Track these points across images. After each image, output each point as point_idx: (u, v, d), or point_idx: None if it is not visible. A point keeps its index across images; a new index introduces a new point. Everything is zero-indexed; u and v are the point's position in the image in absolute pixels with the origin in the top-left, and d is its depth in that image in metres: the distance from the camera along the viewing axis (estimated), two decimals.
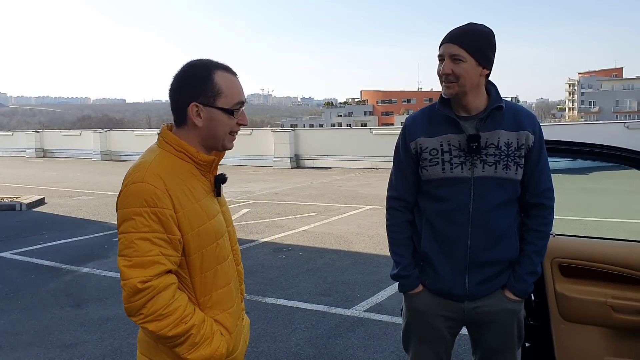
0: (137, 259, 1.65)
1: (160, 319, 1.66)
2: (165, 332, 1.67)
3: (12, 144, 28.22)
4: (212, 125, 1.77)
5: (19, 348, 4.45)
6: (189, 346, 1.71)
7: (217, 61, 1.81)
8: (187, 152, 1.77)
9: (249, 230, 8.76)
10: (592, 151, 2.85)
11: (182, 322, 1.69)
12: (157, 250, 1.66)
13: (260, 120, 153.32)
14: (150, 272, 1.65)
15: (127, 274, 1.65)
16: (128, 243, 1.67)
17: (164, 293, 1.67)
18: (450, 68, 2.16)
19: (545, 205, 2.30)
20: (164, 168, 1.73)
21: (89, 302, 5.51)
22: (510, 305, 2.30)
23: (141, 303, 1.65)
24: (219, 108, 1.76)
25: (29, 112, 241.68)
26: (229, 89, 1.76)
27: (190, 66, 1.79)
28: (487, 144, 2.20)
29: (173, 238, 1.69)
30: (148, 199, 1.66)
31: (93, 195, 13.14)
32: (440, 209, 2.27)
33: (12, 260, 7.31)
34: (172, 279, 1.71)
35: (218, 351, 1.76)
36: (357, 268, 6.48)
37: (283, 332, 4.63)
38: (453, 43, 2.16)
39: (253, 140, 20.48)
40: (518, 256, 2.29)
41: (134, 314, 1.68)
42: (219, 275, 1.82)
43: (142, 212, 1.66)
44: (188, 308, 1.72)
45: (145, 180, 1.69)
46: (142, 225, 1.66)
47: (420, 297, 2.35)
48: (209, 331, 1.75)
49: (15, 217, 10.51)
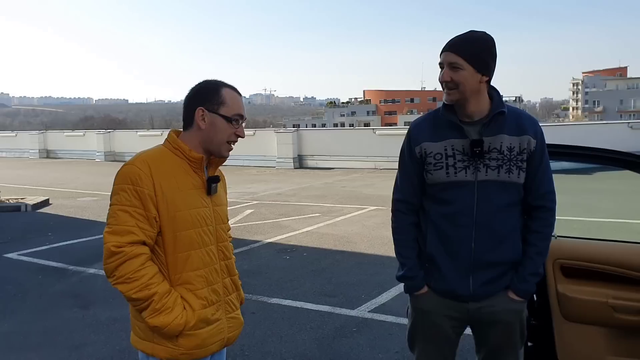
0: (115, 227, 1.98)
1: (128, 282, 1.95)
2: (130, 294, 1.96)
3: (15, 145, 28.34)
4: (213, 130, 2.08)
5: (29, 348, 4.51)
6: (151, 311, 1.97)
7: (227, 82, 2.16)
8: (181, 149, 2.09)
9: (253, 231, 8.82)
10: (591, 155, 2.90)
11: (147, 287, 1.96)
12: (133, 222, 1.97)
13: (263, 120, 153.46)
14: (124, 239, 1.96)
15: (106, 238, 1.98)
16: (112, 213, 2.01)
17: (134, 260, 1.96)
18: (450, 76, 2.23)
19: (547, 207, 2.36)
20: (156, 158, 2.07)
21: (96, 303, 5.57)
22: (513, 306, 2.35)
23: (114, 265, 1.96)
24: (221, 115, 2.07)
25: (31, 112, 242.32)
26: (231, 101, 2.09)
27: (204, 81, 2.15)
28: (490, 149, 2.26)
29: (149, 215, 1.99)
30: (132, 178, 1.99)
31: (97, 196, 13.22)
32: (445, 212, 2.33)
33: (19, 261, 7.38)
34: (143, 250, 1.99)
35: (175, 321, 1.99)
36: (361, 269, 6.53)
37: (289, 333, 4.68)
38: (451, 52, 2.24)
39: (256, 141, 20.57)
40: (521, 257, 2.34)
41: (109, 275, 1.99)
42: (192, 259, 2.07)
43: (126, 188, 2.00)
44: (155, 278, 1.98)
45: (133, 163, 2.04)
46: (124, 199, 1.99)
47: (426, 297, 2.41)
48: (172, 302, 2.00)
49: (20, 218, 10.59)
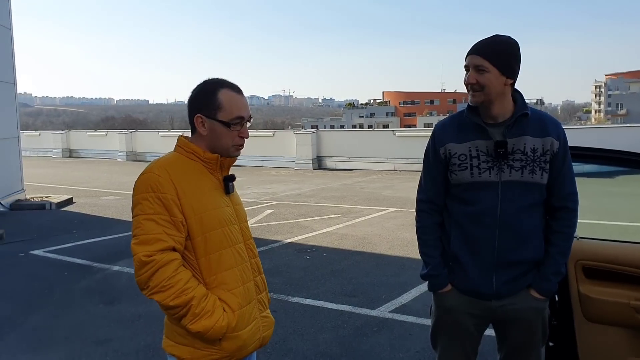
0: (143, 237, 1.93)
1: (163, 290, 1.91)
2: (167, 302, 1.92)
3: (39, 144, 28.77)
4: (214, 135, 2.06)
5: (57, 342, 4.63)
6: (191, 317, 1.94)
7: (226, 80, 2.09)
8: (195, 152, 2.07)
9: (273, 231, 8.90)
10: (614, 157, 2.91)
11: (183, 293, 1.92)
12: (160, 229, 1.93)
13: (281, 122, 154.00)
14: (153, 247, 1.91)
15: (135, 249, 1.94)
16: (137, 224, 1.96)
17: (166, 267, 1.92)
18: (475, 78, 2.28)
19: (570, 208, 2.40)
20: (172, 163, 2.05)
21: (121, 299, 5.68)
22: (535, 304, 2.40)
23: (147, 276, 1.91)
24: (219, 121, 2.03)
25: (53, 112, 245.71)
26: (229, 105, 2.04)
27: (202, 83, 2.09)
28: (513, 150, 2.31)
29: (175, 220, 1.96)
30: (153, 185, 1.96)
31: (120, 195, 13.40)
32: (468, 212, 2.37)
33: (45, 257, 7.54)
34: (174, 255, 1.95)
35: (218, 324, 1.96)
36: (381, 270, 6.57)
37: (310, 331, 4.74)
38: (478, 54, 2.29)
39: (275, 142, 20.67)
40: (543, 257, 2.38)
41: (143, 287, 1.95)
42: (223, 258, 2.05)
43: (147, 197, 1.96)
44: (190, 282, 1.95)
45: (151, 171, 2.00)
46: (148, 208, 1.95)
47: (449, 295, 2.46)
48: (211, 305, 1.96)
49: (45, 216, 10.80)
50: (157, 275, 1.91)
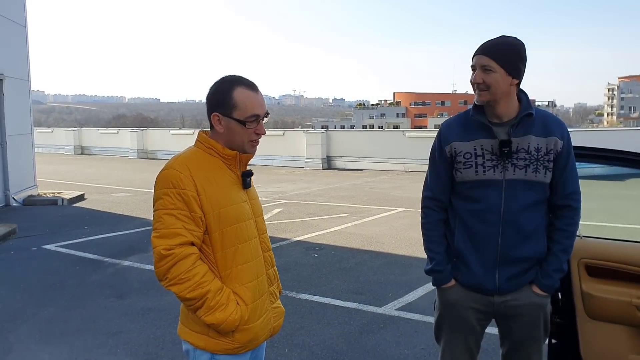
0: (163, 231, 2.00)
1: (181, 283, 1.98)
2: (184, 294, 1.99)
3: (51, 141, 29.04)
4: (231, 132, 2.11)
5: (68, 334, 4.72)
6: (206, 309, 2.00)
7: (242, 78, 2.14)
8: (214, 148, 2.13)
9: (281, 229, 8.97)
10: (619, 157, 2.95)
11: (199, 286, 1.99)
12: (180, 224, 2.00)
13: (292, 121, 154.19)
14: (173, 241, 1.98)
15: (155, 242, 2.01)
16: (157, 218, 2.03)
17: (185, 260, 1.98)
18: (481, 77, 2.34)
19: (572, 206, 2.44)
20: (192, 159, 2.10)
21: (131, 293, 5.77)
22: (537, 300, 2.45)
23: (166, 268, 1.98)
24: (234, 119, 2.08)
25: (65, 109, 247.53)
26: (244, 104, 2.08)
27: (218, 81, 2.14)
28: (518, 149, 2.36)
29: (195, 215, 2.02)
30: (174, 181, 2.02)
31: (131, 192, 13.53)
32: (473, 209, 2.42)
33: (57, 252, 7.66)
34: (193, 250, 2.02)
35: (231, 317, 2.03)
36: (388, 269, 6.62)
37: (317, 327, 4.80)
38: (484, 55, 2.34)
39: (285, 141, 20.75)
40: (545, 254, 2.43)
41: (162, 278, 2.02)
42: (239, 253, 2.10)
43: (168, 192, 2.02)
44: (206, 276, 2.01)
45: (172, 167, 2.06)
46: (168, 203, 2.01)
47: (453, 290, 2.52)
48: (225, 299, 2.03)
49: (57, 212, 10.93)
50: (175, 268, 1.98)
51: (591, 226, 8.58)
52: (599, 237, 3.00)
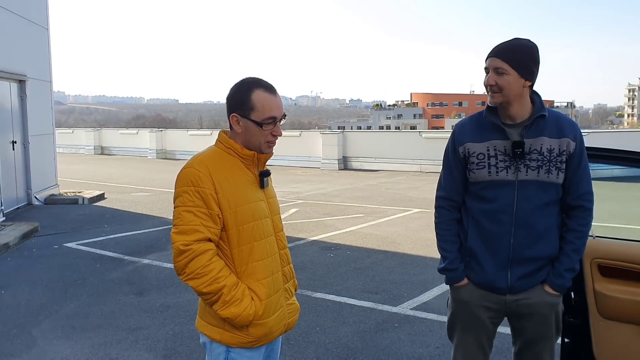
0: (182, 227, 2.09)
1: (198, 277, 2.06)
2: (201, 289, 2.07)
3: (72, 141, 29.44)
4: (248, 133, 2.18)
5: (89, 329, 4.84)
6: (221, 303, 2.08)
7: (261, 80, 2.21)
8: (233, 148, 2.20)
9: (298, 229, 9.04)
10: (632, 158, 2.97)
11: (215, 281, 2.07)
12: (198, 221, 2.08)
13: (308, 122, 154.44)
14: (191, 237, 2.07)
15: (174, 238, 2.09)
16: (177, 214, 2.12)
17: (202, 256, 2.06)
18: (494, 79, 2.38)
19: (585, 207, 2.47)
20: (212, 158, 2.17)
21: (150, 290, 5.88)
22: (549, 299, 2.48)
23: (184, 263, 2.07)
24: (252, 120, 2.15)
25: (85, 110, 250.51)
26: (262, 106, 2.15)
27: (238, 83, 2.21)
28: (530, 150, 2.40)
29: (212, 213, 2.09)
30: (193, 180, 2.10)
31: (150, 192, 13.70)
32: (486, 209, 2.47)
33: (78, 250, 7.81)
34: (210, 246, 2.09)
35: (245, 311, 2.10)
36: (404, 268, 6.66)
37: (332, 325, 4.86)
38: (497, 57, 2.38)
39: (302, 142, 20.83)
40: (558, 254, 2.46)
41: (180, 273, 2.10)
42: (255, 250, 2.17)
43: (187, 190, 2.10)
44: (222, 272, 2.09)
45: (192, 166, 2.14)
46: (187, 200, 2.10)
47: (465, 289, 2.56)
48: (240, 294, 2.10)
49: (78, 211, 11.12)
50: (193, 263, 2.06)
51: (609, 228, 8.54)
52: (610, 237, 3.02)
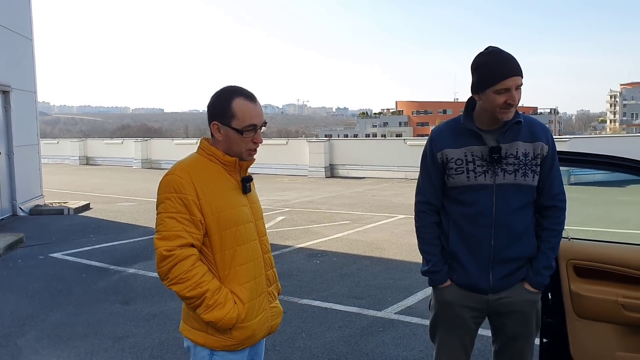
0: (165, 233, 2.12)
1: (181, 282, 2.10)
2: (184, 293, 2.11)
3: (57, 152, 29.26)
4: (229, 141, 2.21)
5: (75, 338, 4.84)
6: (204, 307, 2.12)
7: (241, 89, 2.24)
8: (215, 155, 2.24)
9: (284, 237, 9.08)
10: (605, 162, 3.07)
11: (199, 286, 2.10)
12: (181, 227, 2.12)
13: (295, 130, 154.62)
14: (174, 243, 2.10)
15: (157, 244, 2.13)
16: (159, 221, 2.15)
17: (185, 261, 2.10)
18: (518, 97, 2.41)
19: (558, 207, 2.57)
20: (194, 165, 2.22)
21: (136, 299, 5.89)
22: (529, 296, 2.57)
23: (167, 268, 2.10)
24: (232, 128, 2.19)
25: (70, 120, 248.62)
26: (242, 114, 2.19)
27: (219, 91, 2.25)
28: (507, 155, 2.48)
29: (195, 219, 2.13)
30: (175, 186, 2.14)
31: (135, 202, 13.67)
32: (465, 213, 2.55)
33: (64, 260, 7.79)
34: (193, 251, 2.13)
35: (228, 315, 2.14)
36: (389, 274, 6.72)
37: (318, 331, 4.91)
38: (520, 75, 2.40)
39: (289, 150, 20.92)
40: (535, 253, 2.56)
41: (163, 278, 2.14)
42: (237, 254, 2.21)
43: (170, 197, 2.14)
44: (205, 276, 2.13)
45: (174, 172, 2.18)
46: (170, 207, 2.14)
47: (449, 290, 2.63)
48: (223, 298, 2.14)
49: (63, 221, 11.08)
50: (176, 269, 2.09)
51: (589, 232, 8.70)
52: (585, 239, 3.11)
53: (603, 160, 3.09)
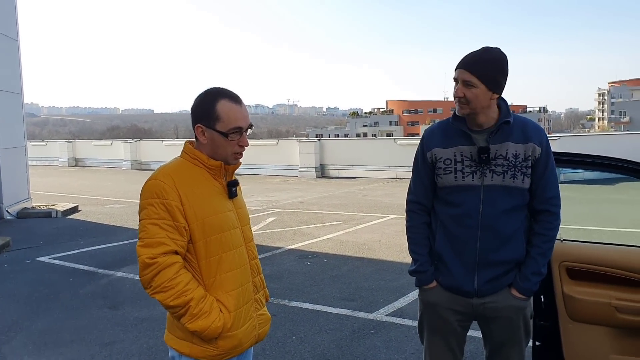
0: (147, 240, 2.05)
1: (165, 291, 2.03)
2: (168, 302, 2.04)
3: (45, 154, 29.04)
4: (214, 144, 2.15)
5: (62, 345, 4.76)
6: (189, 317, 2.05)
7: (226, 90, 2.17)
8: (199, 159, 2.17)
9: (275, 238, 9.02)
10: (597, 163, 3.04)
11: (183, 294, 2.04)
12: (164, 233, 2.05)
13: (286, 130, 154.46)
14: (157, 250, 2.03)
15: (139, 251, 2.06)
16: (142, 227, 2.08)
17: (168, 269, 2.03)
18: (462, 92, 2.39)
19: (551, 211, 2.50)
20: (177, 170, 2.14)
21: (124, 303, 5.81)
22: (515, 303, 2.51)
23: (150, 276, 2.03)
24: (217, 131, 2.12)
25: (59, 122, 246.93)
26: (227, 116, 2.12)
27: (202, 93, 2.18)
28: (496, 155, 2.43)
29: (178, 225, 2.06)
30: (158, 192, 2.07)
31: (124, 204, 13.55)
32: (452, 213, 2.50)
33: (51, 264, 7.68)
34: (176, 258, 2.06)
35: (214, 324, 2.07)
36: (380, 275, 6.68)
37: (308, 334, 4.85)
38: (466, 70, 2.38)
39: (279, 151, 20.84)
40: (524, 257, 2.49)
41: (146, 286, 2.07)
42: (223, 261, 2.15)
43: (152, 202, 2.07)
44: (190, 284, 2.06)
45: (157, 177, 2.11)
46: (153, 213, 2.06)
47: (434, 291, 2.59)
48: (208, 306, 2.08)
49: (51, 224, 10.96)
50: (159, 277, 2.02)
51: (580, 230, 8.70)
52: (579, 240, 3.07)
53: (593, 160, 3.05)
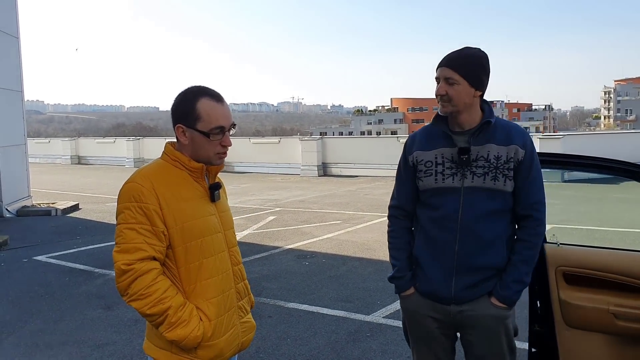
0: (124, 245, 1.97)
1: (141, 298, 1.95)
2: (145, 310, 1.96)
3: (48, 151, 29.09)
4: (196, 145, 2.07)
5: (54, 346, 4.69)
6: (167, 325, 1.97)
7: (207, 88, 2.09)
8: (180, 160, 2.09)
9: (274, 237, 8.95)
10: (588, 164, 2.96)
11: (160, 302, 1.95)
12: (141, 238, 1.96)
13: (290, 128, 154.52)
14: (133, 256, 1.95)
15: (115, 257, 1.97)
16: (119, 232, 2.00)
17: (145, 276, 1.95)
18: (445, 89, 2.34)
19: (535, 217, 2.39)
20: (156, 172, 2.06)
21: (119, 304, 5.73)
22: (494, 312, 2.39)
23: (126, 283, 1.95)
24: (198, 131, 2.04)
25: (65, 119, 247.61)
26: (208, 115, 2.04)
27: (182, 92, 2.10)
28: (477, 157, 2.36)
29: (157, 230, 1.98)
30: (135, 195, 1.99)
31: None
32: (432, 216, 2.43)
33: (48, 263, 7.63)
34: (154, 265, 1.98)
35: (193, 333, 1.99)
36: (378, 275, 6.59)
37: (304, 336, 4.78)
38: (448, 67, 2.34)
39: (281, 149, 20.78)
40: (505, 265, 2.39)
41: (123, 293, 1.99)
42: (204, 268, 2.07)
43: (130, 206, 1.99)
44: (168, 292, 1.98)
45: (135, 180, 2.02)
46: (130, 217, 1.98)
47: (412, 298, 2.51)
48: (187, 315, 2.00)
49: (50, 222, 10.92)
50: (136, 284, 1.94)
51: (582, 230, 8.59)
52: (575, 243, 2.98)
53: (596, 163, 2.96)
